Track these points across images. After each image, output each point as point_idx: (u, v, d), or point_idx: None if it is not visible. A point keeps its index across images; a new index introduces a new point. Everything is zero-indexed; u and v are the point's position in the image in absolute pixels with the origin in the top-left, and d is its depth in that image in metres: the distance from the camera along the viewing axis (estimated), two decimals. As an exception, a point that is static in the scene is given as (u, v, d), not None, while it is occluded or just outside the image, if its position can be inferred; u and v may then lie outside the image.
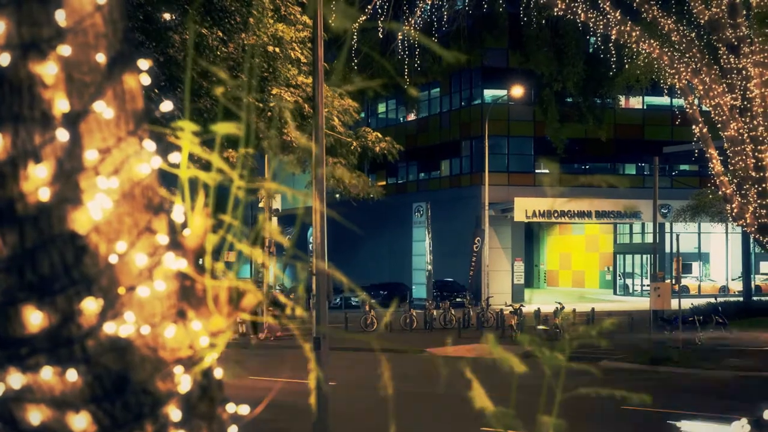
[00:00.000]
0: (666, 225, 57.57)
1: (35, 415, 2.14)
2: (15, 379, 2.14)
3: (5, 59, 2.14)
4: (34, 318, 2.14)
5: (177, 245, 2.34)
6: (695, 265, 65.83)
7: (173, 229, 2.34)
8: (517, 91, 55.11)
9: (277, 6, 21.61)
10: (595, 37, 35.14)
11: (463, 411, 2.56)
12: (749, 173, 28.52)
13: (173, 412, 2.25)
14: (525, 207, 58.82)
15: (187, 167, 2.35)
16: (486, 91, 62.54)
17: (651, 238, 38.29)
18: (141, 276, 2.24)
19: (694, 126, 30.32)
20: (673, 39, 29.11)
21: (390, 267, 65.36)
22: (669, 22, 28.99)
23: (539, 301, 48.67)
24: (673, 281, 34.57)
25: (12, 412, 2.15)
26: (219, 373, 2.37)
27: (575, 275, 76.57)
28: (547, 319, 37.51)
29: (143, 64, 2.33)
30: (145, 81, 2.33)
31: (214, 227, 2.40)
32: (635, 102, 64.73)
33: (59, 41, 2.16)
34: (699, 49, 28.97)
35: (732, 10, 27.88)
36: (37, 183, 2.14)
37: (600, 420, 18.57)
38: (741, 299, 48.73)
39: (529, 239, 70.79)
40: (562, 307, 38.96)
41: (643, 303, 46.27)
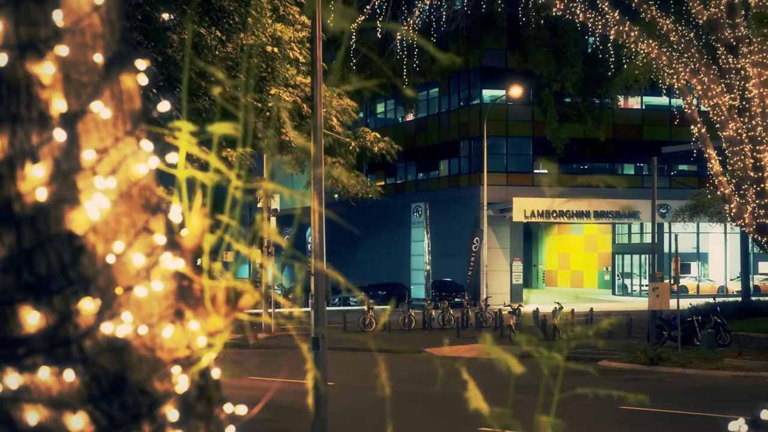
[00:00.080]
0: (665, 225, 57.59)
1: (32, 416, 2.14)
2: (12, 379, 2.13)
3: (3, 59, 2.14)
4: (31, 318, 2.13)
5: (174, 245, 2.34)
6: (694, 266, 65.85)
7: (171, 229, 2.34)
8: (516, 92, 55.15)
9: (276, 6, 21.60)
10: (594, 37, 35.14)
11: (462, 411, 2.56)
12: (748, 173, 28.53)
13: (171, 412, 2.25)
14: (523, 207, 58.86)
15: (185, 167, 2.35)
16: (485, 91, 62.58)
17: (649, 238, 38.32)
18: (138, 276, 2.24)
19: (692, 126, 30.32)
20: (672, 39, 29.12)
21: (389, 267, 65.38)
22: (667, 22, 29.00)
23: (538, 302, 48.69)
24: (672, 281, 34.55)
25: (9, 412, 2.15)
26: (217, 374, 2.37)
27: (574, 275, 76.59)
28: (546, 320, 37.52)
29: (141, 64, 2.33)
30: (143, 81, 2.33)
31: (211, 227, 2.40)
32: (634, 102, 64.77)
33: (57, 41, 2.16)
34: (697, 49, 28.97)
35: (730, 10, 27.88)
36: (35, 183, 2.14)
37: (598, 420, 18.57)
38: (740, 299, 48.68)
39: (528, 239, 70.82)
40: (560, 308, 38.96)
41: (642, 303, 46.26)
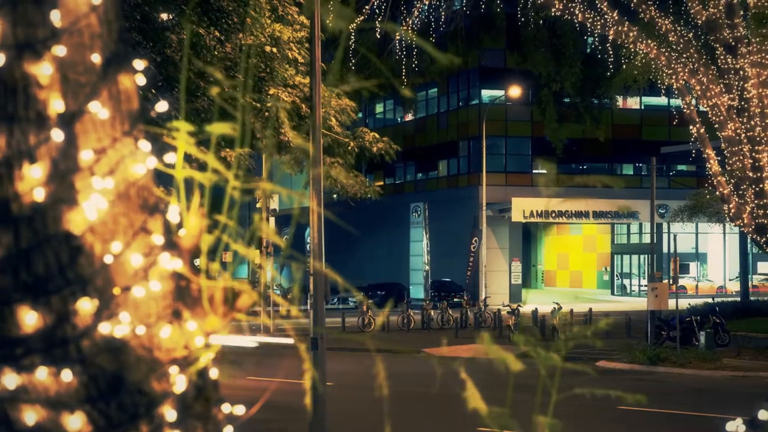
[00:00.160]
0: (663, 225, 57.58)
1: (30, 416, 2.14)
2: (10, 380, 2.13)
3: (0, 60, 2.14)
4: (29, 318, 2.13)
5: (172, 245, 2.34)
6: (693, 266, 65.86)
7: (169, 230, 2.34)
8: (515, 92, 55.14)
9: (275, 6, 21.60)
10: (593, 38, 35.10)
11: (460, 411, 2.57)
12: (746, 173, 28.53)
13: (168, 412, 2.25)
14: (522, 207, 58.86)
15: (183, 167, 2.35)
16: (483, 92, 62.57)
17: (648, 238, 38.34)
18: (136, 276, 2.24)
19: (691, 126, 30.32)
20: (671, 39, 29.11)
21: (387, 267, 65.35)
22: (666, 22, 29.00)
23: (537, 302, 48.68)
24: (671, 281, 34.55)
25: (7, 412, 2.15)
26: (214, 374, 2.37)
27: (573, 275, 76.58)
28: (544, 320, 37.53)
29: (139, 64, 2.33)
30: (141, 81, 2.33)
31: (209, 227, 2.40)
32: (633, 102, 64.77)
33: (54, 42, 2.16)
34: (696, 50, 28.97)
35: (729, 10, 27.89)
36: (32, 183, 2.14)
37: (596, 420, 18.57)
38: (738, 299, 48.72)
39: (527, 239, 70.83)
40: (559, 308, 38.96)
41: (641, 303, 46.26)
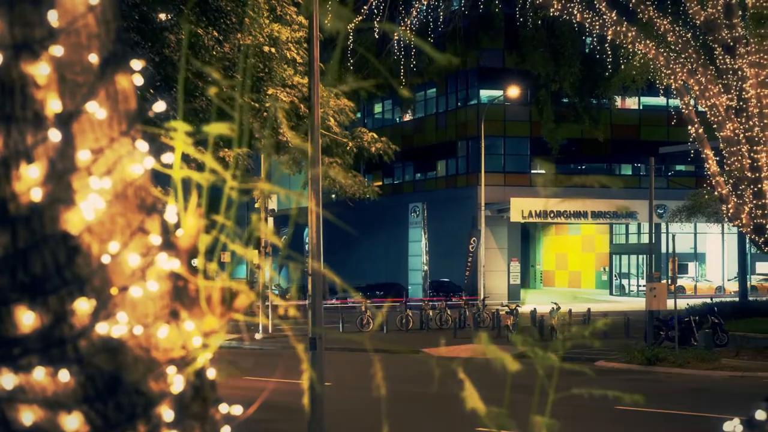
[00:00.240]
0: (662, 225, 57.60)
1: (27, 416, 2.14)
2: (7, 380, 2.13)
3: (-3, 59, 2.14)
4: (26, 318, 2.13)
5: (170, 245, 2.33)
6: (691, 266, 65.89)
7: (166, 230, 2.34)
8: (513, 92, 55.14)
9: (273, 6, 21.60)
10: (591, 38, 35.11)
11: (459, 411, 2.57)
12: (745, 174, 28.54)
13: (166, 412, 2.25)
14: (521, 207, 58.88)
15: (181, 167, 2.35)
16: (482, 92, 62.59)
17: (647, 238, 38.35)
18: (134, 276, 2.24)
19: (690, 126, 30.33)
20: (669, 39, 29.12)
21: (386, 267, 65.36)
22: (665, 22, 29.00)
23: (535, 302, 48.68)
24: (669, 282, 34.55)
25: (4, 412, 2.15)
26: (212, 374, 2.37)
27: (571, 275, 76.60)
28: (543, 320, 37.53)
29: (136, 64, 2.33)
30: (138, 81, 2.33)
31: (207, 228, 2.40)
32: (631, 102, 64.79)
33: (52, 42, 2.15)
34: (695, 50, 28.98)
35: (728, 10, 27.89)
36: (30, 183, 2.13)
37: (594, 420, 18.57)
38: (737, 300, 48.73)
39: (525, 239, 70.84)
40: (558, 308, 38.97)
41: (639, 303, 46.27)
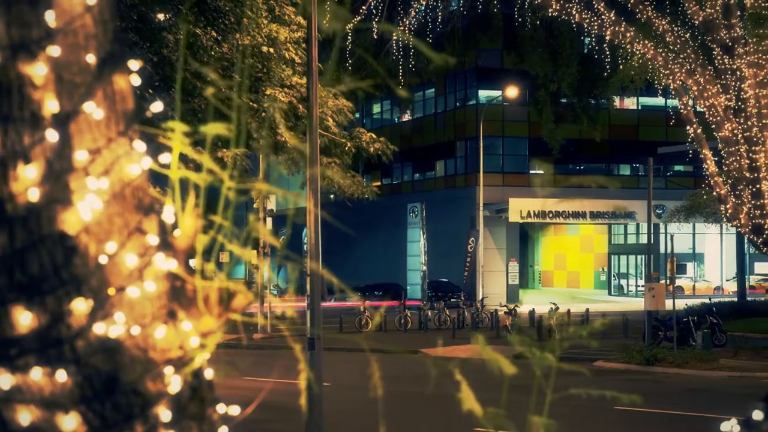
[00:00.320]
0: (660, 225, 57.63)
1: (25, 416, 2.14)
2: (4, 380, 2.13)
3: (-5, 60, 2.14)
4: (23, 318, 2.13)
5: (167, 246, 2.33)
6: (690, 266, 65.92)
7: (164, 230, 2.34)
8: (512, 92, 55.16)
9: (271, 6, 21.59)
10: (590, 38, 35.14)
11: (457, 411, 2.57)
12: (743, 174, 28.54)
13: (163, 412, 2.25)
14: (519, 207, 58.88)
15: (178, 168, 2.35)
16: (480, 92, 62.59)
17: (645, 238, 38.35)
18: (131, 276, 2.24)
19: (688, 127, 30.33)
20: (668, 40, 29.13)
21: (385, 267, 65.35)
22: (663, 22, 29.01)
23: (534, 302, 48.68)
24: (668, 282, 34.56)
25: (1, 412, 2.15)
26: (209, 374, 2.37)
27: (570, 276, 76.61)
28: (541, 320, 37.53)
29: (134, 64, 2.33)
30: (136, 81, 2.33)
31: (204, 228, 2.40)
32: (630, 103, 64.80)
33: (49, 42, 2.15)
34: (693, 50, 28.99)
35: (726, 10, 27.90)
36: (27, 183, 2.13)
37: (592, 421, 18.58)
38: (735, 300, 48.76)
39: (524, 240, 70.84)
40: (556, 308, 38.99)
41: (638, 303, 46.28)
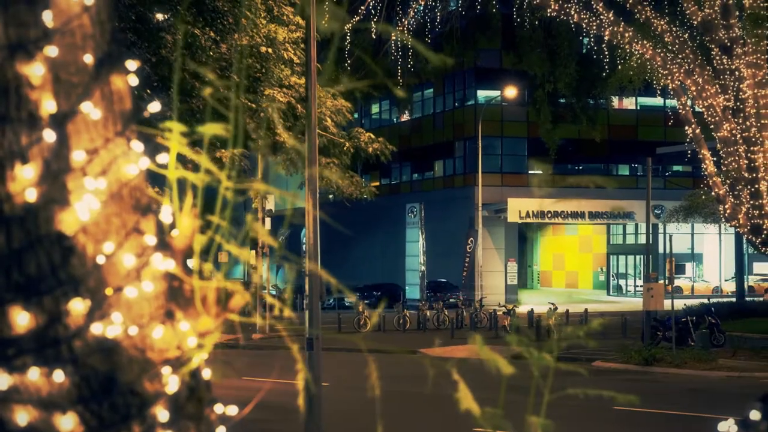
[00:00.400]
0: (659, 226, 57.64)
1: (22, 416, 2.14)
2: (2, 380, 2.13)
3: (-8, 60, 2.13)
4: (20, 318, 2.13)
5: (165, 246, 2.33)
6: (688, 266, 65.92)
7: (161, 230, 2.34)
8: (511, 92, 55.16)
9: (270, 7, 21.59)
10: (588, 38, 35.19)
11: (456, 411, 2.58)
12: (742, 174, 28.56)
13: (161, 412, 2.25)
14: (518, 208, 58.88)
15: (177, 168, 2.35)
16: (479, 92, 62.58)
17: (644, 238, 38.38)
18: (129, 277, 2.24)
19: (687, 127, 30.34)
20: (666, 40, 29.14)
21: (383, 268, 65.35)
22: (662, 23, 29.02)
23: (532, 302, 48.68)
24: (666, 282, 34.57)
25: (-1, 412, 2.15)
26: (207, 374, 2.37)
27: (568, 276, 76.61)
28: (540, 320, 37.52)
29: (131, 64, 2.33)
30: (133, 82, 2.33)
31: (202, 228, 2.40)
32: (628, 103, 64.81)
33: (46, 42, 2.15)
34: (692, 50, 29.00)
35: (725, 11, 27.91)
36: (24, 184, 2.13)
37: (591, 421, 18.58)
38: (734, 300, 48.78)
39: (523, 240, 70.83)
40: (555, 308, 38.99)
41: (637, 304, 46.29)
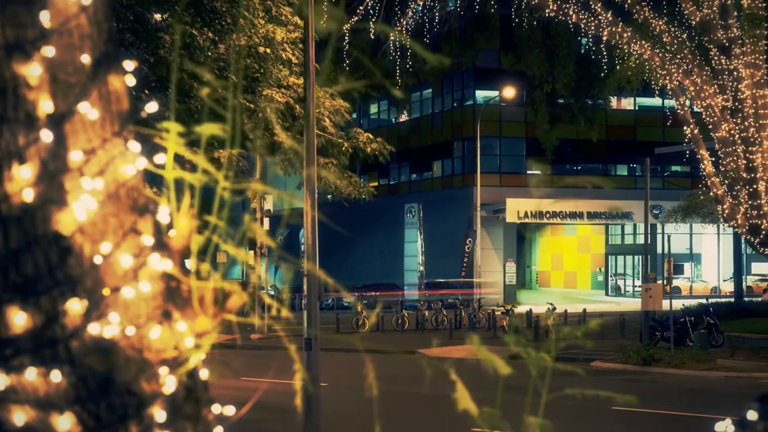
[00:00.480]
0: (657, 226, 57.64)
1: (19, 416, 2.14)
2: (-1, 380, 2.13)
3: (-11, 60, 2.13)
4: (18, 319, 2.13)
5: (162, 246, 2.33)
6: (687, 266, 65.90)
7: (159, 230, 2.34)
8: (509, 92, 55.16)
9: (268, 7, 21.59)
10: (587, 38, 35.20)
11: (454, 412, 2.58)
12: (740, 174, 28.57)
13: (158, 413, 2.25)
14: (517, 208, 58.87)
15: (173, 168, 2.35)
16: (478, 92, 62.58)
17: (642, 239, 38.38)
18: (126, 277, 2.24)
19: (685, 127, 30.36)
20: (665, 40, 29.15)
21: (382, 268, 65.32)
22: (660, 23, 29.03)
23: (531, 302, 48.69)
24: (665, 282, 34.59)
25: (-4, 413, 2.15)
26: (205, 374, 2.37)
27: (567, 276, 76.61)
28: (538, 320, 37.52)
29: (129, 64, 2.33)
30: (131, 82, 2.32)
31: (199, 228, 2.40)
32: (627, 103, 64.81)
33: (43, 42, 2.15)
34: (690, 50, 29.01)
35: (723, 11, 27.92)
36: (22, 184, 2.13)
37: (589, 421, 18.58)
38: (732, 300, 48.78)
39: (521, 240, 70.81)
40: (553, 308, 38.98)
41: (635, 304, 46.29)
